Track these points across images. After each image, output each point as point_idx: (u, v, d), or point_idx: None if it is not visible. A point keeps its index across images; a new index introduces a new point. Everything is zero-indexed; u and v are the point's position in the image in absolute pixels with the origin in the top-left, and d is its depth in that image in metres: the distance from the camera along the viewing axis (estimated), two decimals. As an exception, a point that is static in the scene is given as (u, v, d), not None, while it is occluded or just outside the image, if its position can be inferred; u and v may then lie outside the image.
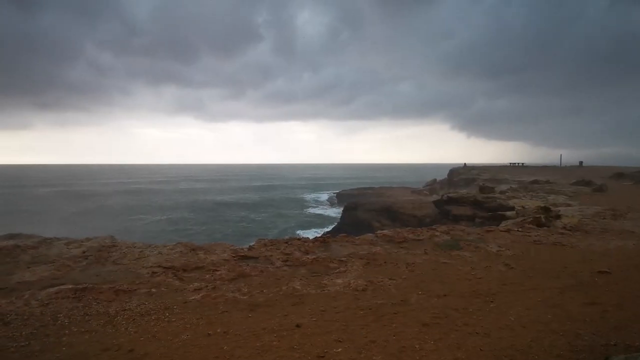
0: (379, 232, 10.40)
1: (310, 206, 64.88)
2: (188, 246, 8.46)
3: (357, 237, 9.55)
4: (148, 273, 6.52)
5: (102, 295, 5.28)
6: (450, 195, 27.38)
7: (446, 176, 64.33)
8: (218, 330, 4.13)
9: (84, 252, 7.80)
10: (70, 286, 5.42)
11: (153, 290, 5.66)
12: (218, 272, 6.70)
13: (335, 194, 73.72)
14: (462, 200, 24.58)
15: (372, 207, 36.49)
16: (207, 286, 5.91)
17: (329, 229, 40.34)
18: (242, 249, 8.55)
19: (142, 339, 3.93)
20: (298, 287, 5.91)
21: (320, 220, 49.93)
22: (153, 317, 4.53)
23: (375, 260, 7.55)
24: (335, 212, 58.34)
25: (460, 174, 56.93)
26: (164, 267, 6.87)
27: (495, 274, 6.58)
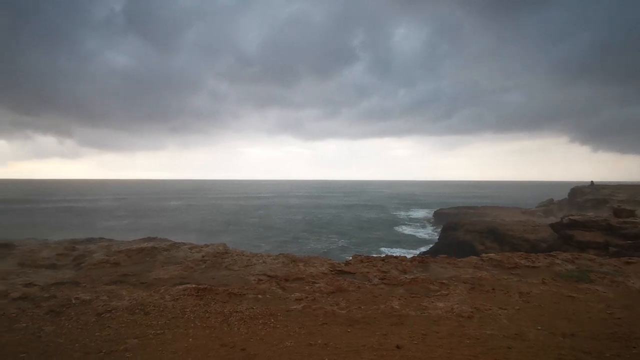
0: (484, 255, 9.54)
1: (402, 224, 62.80)
2: (289, 257, 8.95)
3: (459, 259, 8.91)
4: (255, 280, 7.08)
5: (218, 296, 5.92)
6: (573, 217, 23.61)
7: (566, 196, 55.90)
8: (319, 342, 4.25)
9: (203, 257, 8.86)
10: (194, 285, 6.21)
11: (259, 296, 6.13)
12: (317, 285, 6.93)
13: (432, 213, 70.10)
14: (589, 225, 20.97)
15: (474, 227, 33.62)
16: (307, 297, 6.15)
17: (425, 249, 38.39)
18: (339, 264, 8.70)
19: (251, 340, 4.28)
20: (396, 306, 5.74)
21: (412, 240, 47.88)
22: (260, 321, 4.89)
23: (481, 285, 6.92)
24: (429, 231, 55.37)
25: (586, 194, 48.83)
26: (268, 276, 7.38)
27: (641, 316, 5.42)
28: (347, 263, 8.78)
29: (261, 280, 7.06)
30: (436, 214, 65.85)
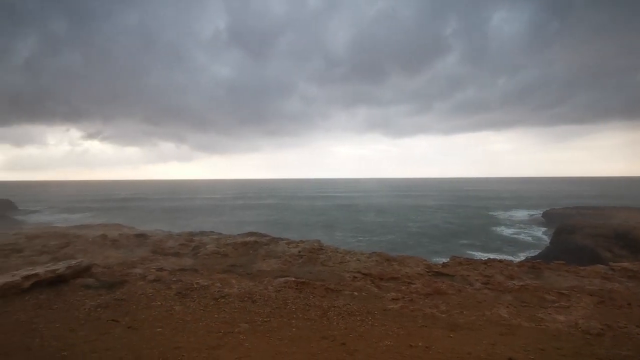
0: (614, 264, 8.13)
1: (501, 225, 56.83)
2: (382, 256, 8.87)
3: (581, 268, 7.74)
4: (350, 277, 7.18)
5: (316, 290, 6.15)
6: None
7: None
8: (420, 344, 4.11)
9: (299, 252, 9.31)
10: (293, 279, 6.57)
11: (355, 293, 6.19)
12: (413, 286, 6.72)
13: (540, 213, 62.28)
14: None
15: (597, 231, 28.86)
16: (404, 297, 6.01)
17: (530, 254, 34.25)
18: (436, 265, 8.31)
19: (350, 335, 4.35)
20: (505, 314, 5.25)
21: (514, 244, 43.02)
22: (358, 318, 4.94)
23: (612, 299, 5.91)
24: (536, 234, 49.10)
25: None
26: (363, 274, 7.41)
27: None
28: (445, 265, 8.34)
29: (356, 277, 7.13)
30: (546, 215, 58.24)
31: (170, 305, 5.09)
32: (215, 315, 4.78)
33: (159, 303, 5.17)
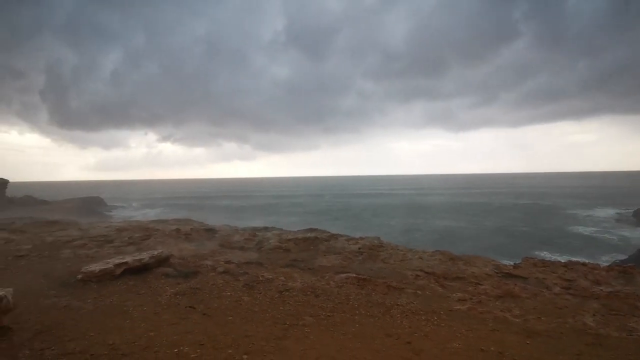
0: None
1: (581, 225, 50.97)
2: (446, 255, 8.51)
3: (687, 274, 6.73)
4: (412, 275, 7.00)
5: (378, 287, 6.10)
6: None
7: None
8: (492, 349, 3.88)
9: (359, 249, 9.29)
10: (354, 275, 6.58)
11: (418, 292, 6.02)
12: (482, 287, 6.37)
13: (631, 212, 55.07)
14: None
15: None
16: (471, 298, 5.72)
17: (617, 257, 30.42)
18: (506, 265, 7.77)
19: (416, 334, 4.24)
20: (591, 323, 4.74)
21: (596, 244, 38.43)
22: (423, 318, 4.80)
23: None
24: (623, 235, 43.41)
25: None
26: (426, 272, 7.19)
27: None
28: (516, 266, 7.76)
29: (418, 276, 6.94)
30: (638, 214, 51.39)
31: (239, 296, 5.39)
32: (281, 308, 4.97)
33: (229, 293, 5.50)
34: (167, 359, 3.39)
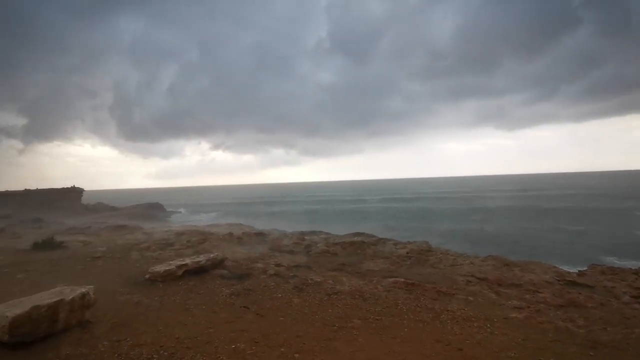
0: None
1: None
2: (500, 260, 8.14)
3: None
4: (463, 281, 6.80)
5: (427, 292, 6.01)
6: None
7: None
8: None
9: (407, 253, 9.18)
10: (403, 279, 6.54)
11: (470, 298, 5.85)
12: (541, 294, 6.03)
13: None
14: None
15: None
16: (529, 307, 5.45)
17: None
18: (569, 273, 7.26)
19: (467, 342, 4.15)
20: (668, 337, 4.32)
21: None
22: (475, 325, 4.67)
23: None
24: None
25: None
26: (478, 278, 6.94)
27: None
28: (582, 273, 7.22)
29: (470, 281, 6.73)
30: None
31: (289, 298, 5.60)
32: (330, 310, 5.09)
33: (280, 295, 5.74)
34: (226, 353, 3.65)
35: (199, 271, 6.71)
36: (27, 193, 46.78)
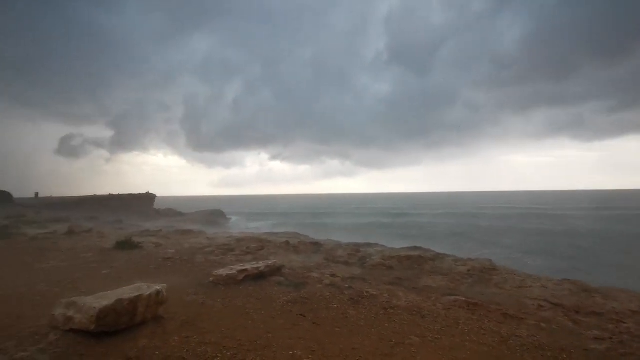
0: None
1: None
2: (578, 285, 7.38)
3: None
4: (534, 305, 6.27)
5: (492, 314, 5.64)
6: None
7: None
8: (642, 401, 3.25)
9: (468, 271, 8.70)
10: (464, 299, 6.20)
11: (542, 324, 5.37)
12: (625, 325, 5.36)
13: None
14: None
15: None
16: (611, 338, 4.86)
17: None
18: (664, 303, 6.34)
19: (539, 372, 3.81)
20: None
21: None
22: (548, 354, 4.28)
23: None
24: None
25: None
26: (552, 303, 6.36)
27: None
28: (680, 305, 6.28)
29: (542, 306, 6.18)
30: None
31: (345, 309, 5.60)
32: (386, 325, 5.00)
33: (336, 306, 5.76)
34: (284, 359, 3.75)
35: (258, 277, 6.98)
36: (110, 197, 52.45)
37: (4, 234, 15.64)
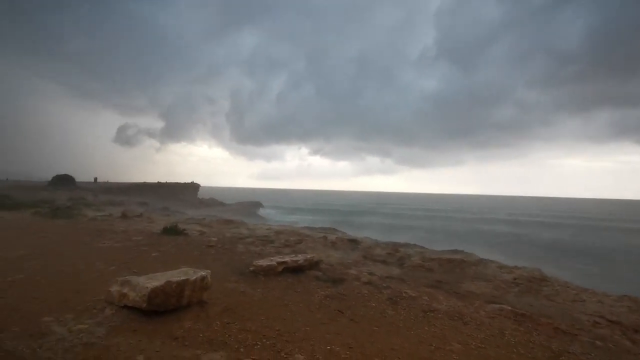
0: None
1: None
2: (639, 302, 6.75)
3: None
4: (589, 321, 5.81)
5: (541, 327, 5.29)
6: None
7: None
8: None
9: (514, 279, 8.25)
10: (510, 308, 5.88)
11: (598, 342, 4.96)
12: (700, 353, 4.80)
13: None
14: None
15: None
16: (682, 366, 4.39)
17: None
18: None
19: (595, 393, 3.52)
20: None
21: None
22: (605, 375, 3.95)
23: None
24: None
25: None
26: (609, 320, 5.86)
27: None
28: None
29: (598, 323, 5.71)
30: None
31: (383, 309, 5.52)
32: (426, 328, 4.86)
33: (374, 304, 5.69)
34: (322, 353, 3.77)
35: (296, 270, 7.07)
36: (159, 185, 55.65)
37: (67, 214, 17.13)
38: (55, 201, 26.15)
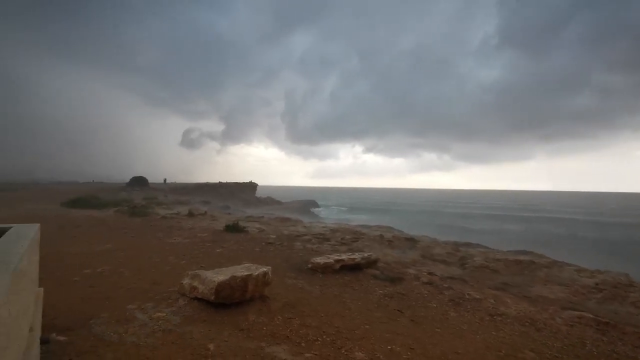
0: None
1: None
2: None
3: None
4: (690, 334, 5.06)
5: (627, 337, 4.74)
6: None
7: None
8: None
9: (596, 284, 7.47)
10: (591, 316, 5.33)
11: None
12: None
13: None
14: None
15: None
16: None
17: None
18: None
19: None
20: None
21: None
22: None
23: None
24: None
25: None
26: None
27: None
28: None
29: (703, 337, 4.95)
30: None
31: (445, 310, 5.31)
32: (493, 333, 4.59)
33: (435, 305, 5.51)
34: (382, 352, 3.73)
35: (353, 268, 7.07)
36: (220, 185, 58.95)
37: (143, 212, 18.86)
38: (133, 200, 28.92)
